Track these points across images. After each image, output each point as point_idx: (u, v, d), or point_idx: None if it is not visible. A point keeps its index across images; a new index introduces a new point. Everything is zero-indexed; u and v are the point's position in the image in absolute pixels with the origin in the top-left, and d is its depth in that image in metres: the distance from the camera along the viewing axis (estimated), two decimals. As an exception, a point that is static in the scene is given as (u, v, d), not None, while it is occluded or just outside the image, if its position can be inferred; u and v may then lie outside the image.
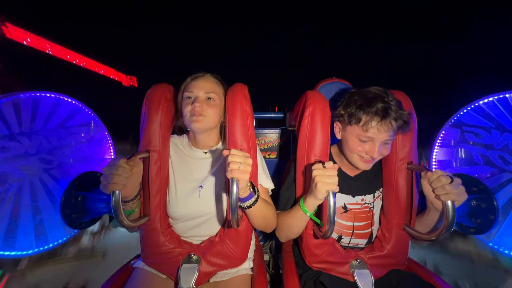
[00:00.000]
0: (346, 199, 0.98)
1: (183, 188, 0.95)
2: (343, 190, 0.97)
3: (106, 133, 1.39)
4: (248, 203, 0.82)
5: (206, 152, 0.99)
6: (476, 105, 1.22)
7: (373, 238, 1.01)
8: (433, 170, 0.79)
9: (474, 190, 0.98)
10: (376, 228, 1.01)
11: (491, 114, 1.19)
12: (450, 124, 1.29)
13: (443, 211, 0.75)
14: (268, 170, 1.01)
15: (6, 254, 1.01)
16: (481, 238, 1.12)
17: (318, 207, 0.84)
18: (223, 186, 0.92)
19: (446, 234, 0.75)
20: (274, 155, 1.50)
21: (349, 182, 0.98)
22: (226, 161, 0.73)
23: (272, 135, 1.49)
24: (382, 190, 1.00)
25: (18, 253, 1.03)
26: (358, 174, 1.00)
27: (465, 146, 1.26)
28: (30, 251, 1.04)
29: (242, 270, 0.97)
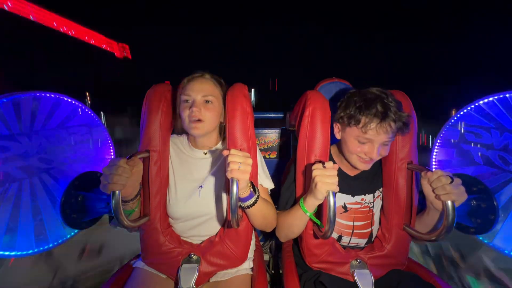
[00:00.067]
0: (346, 199, 0.98)
1: (183, 188, 0.95)
2: (343, 190, 0.97)
3: (106, 133, 1.39)
4: (248, 203, 0.82)
5: (206, 152, 0.99)
6: (476, 105, 1.22)
7: (373, 238, 1.01)
8: (433, 170, 0.79)
9: (474, 190, 0.98)
10: (376, 228, 1.00)
11: (491, 114, 1.19)
12: (450, 124, 1.29)
13: (443, 211, 0.75)
14: (268, 170, 1.01)
15: (6, 254, 1.01)
16: (481, 238, 1.12)
17: (318, 207, 0.84)
18: (223, 186, 0.92)
19: (446, 234, 0.75)
20: (274, 155, 1.50)
21: (348, 182, 0.98)
22: (226, 161, 0.73)
23: (272, 135, 1.49)
24: (382, 190, 1.00)
25: (18, 253, 1.03)
26: (357, 174, 1.00)
27: (465, 146, 1.26)
28: (30, 251, 1.04)
29: (242, 270, 0.97)
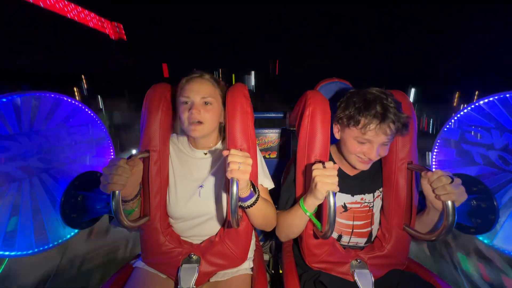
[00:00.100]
0: (346, 199, 0.98)
1: (183, 188, 0.95)
2: (343, 190, 0.97)
3: (106, 133, 1.39)
4: (248, 203, 0.82)
5: (206, 152, 0.99)
6: (476, 105, 1.22)
7: (372, 238, 1.01)
8: (433, 170, 0.79)
9: (474, 190, 0.97)
10: (375, 227, 1.01)
11: (492, 114, 1.18)
12: (450, 124, 1.29)
13: (443, 211, 0.75)
14: (268, 170, 1.01)
15: (6, 254, 1.01)
16: (481, 238, 1.12)
17: (318, 207, 0.84)
18: (223, 186, 0.92)
19: (446, 234, 0.75)
20: (274, 155, 1.50)
21: (348, 182, 0.98)
22: (226, 161, 0.73)
23: (272, 135, 1.48)
24: (382, 190, 1.00)
25: (18, 253, 1.03)
26: (357, 173, 1.00)
27: (465, 146, 1.26)
28: (30, 251, 1.04)
29: (242, 270, 0.97)
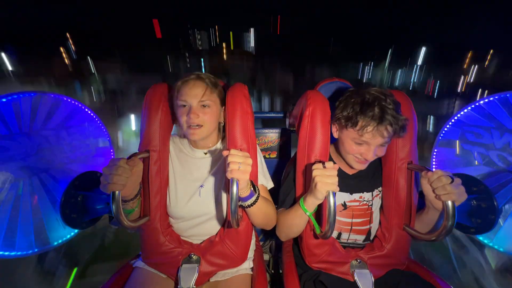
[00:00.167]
0: (345, 197, 0.98)
1: (184, 187, 0.95)
2: (341, 189, 0.97)
3: (106, 133, 1.39)
4: (249, 202, 0.82)
5: (206, 152, 0.99)
6: (476, 104, 1.22)
7: (371, 236, 1.01)
8: (433, 170, 0.79)
9: (474, 190, 0.97)
10: (374, 226, 1.01)
11: (492, 114, 1.18)
12: (450, 123, 1.29)
13: (443, 211, 0.75)
14: (268, 170, 1.01)
15: (6, 254, 1.02)
16: (481, 238, 1.12)
17: (318, 206, 0.84)
18: (224, 186, 0.92)
19: (446, 234, 0.75)
20: (274, 155, 1.50)
21: (347, 181, 0.99)
22: (226, 161, 0.73)
23: (272, 135, 1.48)
24: (381, 189, 1.00)
25: (19, 253, 1.03)
26: (356, 172, 1.00)
27: (465, 146, 1.26)
28: (30, 251, 1.04)
29: (242, 270, 0.97)
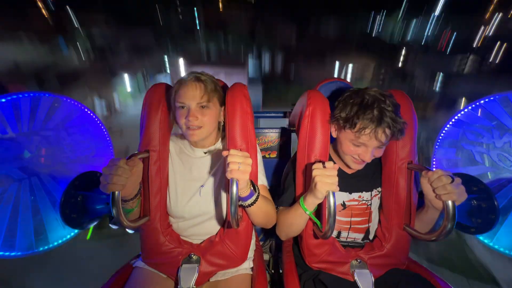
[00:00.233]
0: (344, 197, 0.98)
1: (184, 187, 0.95)
2: (341, 188, 0.97)
3: (106, 133, 1.39)
4: (249, 202, 0.82)
5: (206, 152, 0.99)
6: (477, 104, 1.22)
7: (370, 235, 1.01)
8: (433, 169, 0.79)
9: (475, 190, 0.97)
10: (373, 225, 1.01)
11: (492, 113, 1.18)
12: (450, 123, 1.29)
13: (444, 211, 0.74)
14: (267, 170, 1.01)
15: (6, 254, 1.02)
16: (481, 238, 1.12)
17: (318, 206, 0.84)
18: (224, 186, 0.92)
19: (446, 234, 0.75)
20: (274, 155, 1.50)
21: (346, 180, 0.98)
22: (225, 161, 0.72)
23: (272, 135, 1.48)
24: (380, 190, 1.00)
25: (19, 253, 1.03)
26: (355, 172, 1.00)
27: (465, 146, 1.26)
28: (30, 252, 1.04)
29: (242, 270, 0.97)
